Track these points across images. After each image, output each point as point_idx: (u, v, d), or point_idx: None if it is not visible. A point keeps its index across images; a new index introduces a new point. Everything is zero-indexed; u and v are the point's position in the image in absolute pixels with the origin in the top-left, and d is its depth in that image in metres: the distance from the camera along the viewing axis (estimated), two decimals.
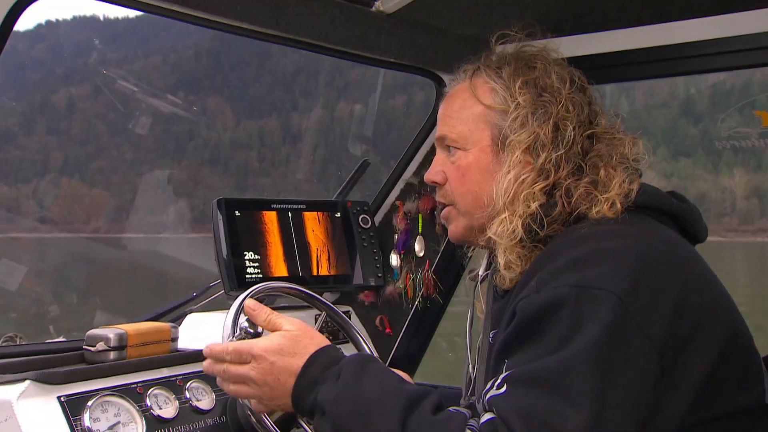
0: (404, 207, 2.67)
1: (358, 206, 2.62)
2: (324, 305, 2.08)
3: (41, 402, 1.87)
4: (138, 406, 1.99)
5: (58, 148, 30.30)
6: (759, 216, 19.41)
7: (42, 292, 7.31)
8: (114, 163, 30.28)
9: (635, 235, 1.48)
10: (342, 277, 2.52)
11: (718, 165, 15.61)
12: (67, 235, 23.82)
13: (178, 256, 13.93)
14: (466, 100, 1.74)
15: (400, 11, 2.33)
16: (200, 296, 2.51)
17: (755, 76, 12.15)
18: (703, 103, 14.56)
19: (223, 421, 2.13)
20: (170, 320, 2.41)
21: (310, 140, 20.57)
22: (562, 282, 1.38)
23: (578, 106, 1.67)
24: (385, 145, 4.44)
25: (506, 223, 1.59)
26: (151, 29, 31.41)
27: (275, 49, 29.32)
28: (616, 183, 1.56)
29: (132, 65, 30.73)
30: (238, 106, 31.83)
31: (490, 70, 1.73)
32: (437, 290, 2.64)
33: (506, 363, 1.39)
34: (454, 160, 1.75)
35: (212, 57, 31.34)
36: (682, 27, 2.23)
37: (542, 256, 1.53)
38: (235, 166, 29.61)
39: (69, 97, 30.43)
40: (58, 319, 4.63)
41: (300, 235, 2.46)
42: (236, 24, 2.13)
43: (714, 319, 1.44)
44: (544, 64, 1.71)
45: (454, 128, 1.74)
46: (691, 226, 1.64)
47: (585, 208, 1.55)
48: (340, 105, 23.36)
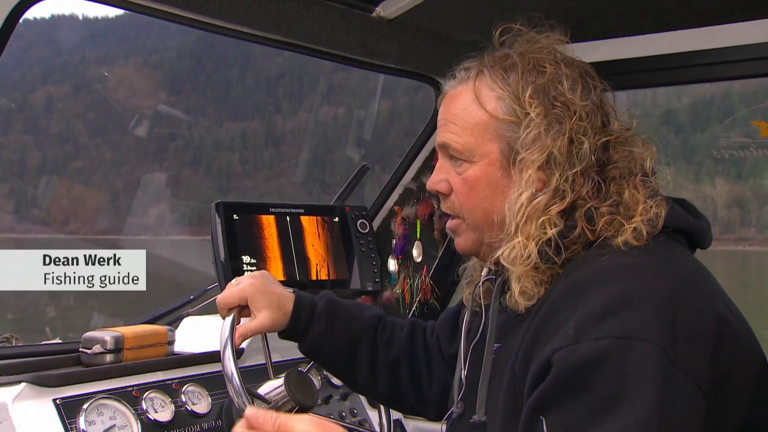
0: (402, 212, 2.68)
1: (356, 211, 2.62)
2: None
3: (36, 404, 1.86)
4: (134, 410, 1.99)
5: (36, 148, 30.04)
6: (740, 225, 19.57)
7: (38, 293, 7.19)
8: (94, 163, 30.05)
9: (664, 270, 1.40)
10: (339, 282, 2.51)
11: (698, 174, 15.72)
12: (44, 237, 23.62)
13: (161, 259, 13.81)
14: (469, 105, 1.59)
15: (401, 17, 2.33)
16: (197, 299, 2.51)
17: (735, 87, 12.30)
18: (684, 113, 14.66)
19: (219, 426, 2.13)
20: (167, 323, 2.41)
21: (293, 143, 20.52)
22: (603, 333, 1.29)
23: (592, 114, 1.54)
24: (367, 147, 4.43)
25: (520, 248, 1.47)
26: (131, 29, 31.18)
27: (258, 51, 29.21)
28: (642, 207, 1.47)
29: (112, 65, 30.51)
30: (220, 108, 31.68)
31: (495, 74, 1.58)
32: (434, 296, 2.65)
33: (545, 420, 1.29)
34: (461, 171, 1.61)
35: (194, 58, 31.20)
36: (684, 36, 2.24)
37: (568, 287, 1.42)
38: (217, 168, 29.44)
39: (48, 96, 30.16)
40: (54, 320, 4.58)
41: (298, 240, 2.46)
42: (237, 28, 2.13)
43: (746, 349, 1.40)
44: (554, 66, 1.56)
45: (459, 137, 1.60)
46: (700, 238, 1.59)
47: (609, 234, 1.45)
48: (324, 108, 23.31)
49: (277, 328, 1.87)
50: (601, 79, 1.62)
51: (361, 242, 2.58)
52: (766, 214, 19.16)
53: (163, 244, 16.97)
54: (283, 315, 1.86)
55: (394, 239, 2.69)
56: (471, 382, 1.67)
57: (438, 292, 2.65)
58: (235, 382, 1.64)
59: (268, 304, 1.83)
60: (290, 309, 1.87)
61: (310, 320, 1.89)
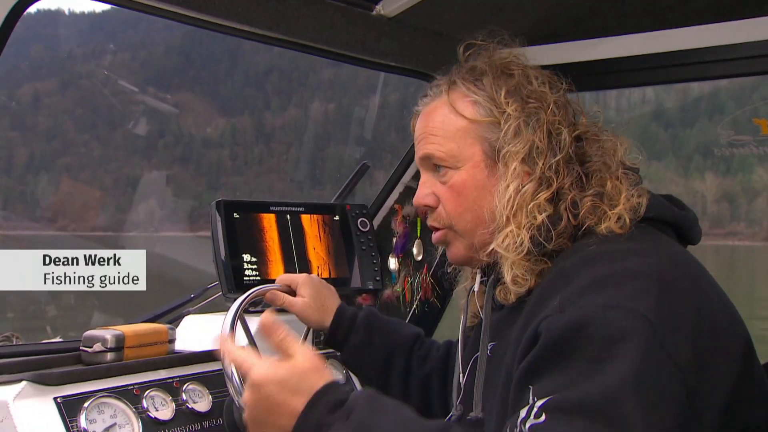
0: (403, 210, 2.68)
1: (356, 209, 2.61)
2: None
3: (37, 403, 1.85)
4: (134, 408, 1.98)
5: (23, 144, 29.87)
6: (729, 220, 19.71)
7: (38, 292, 7.18)
8: (82, 160, 29.90)
9: (648, 253, 1.44)
10: (340, 281, 2.50)
11: (688, 169, 15.82)
12: (31, 233, 23.50)
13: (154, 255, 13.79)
14: (447, 115, 1.66)
15: (401, 15, 2.33)
16: (198, 298, 2.51)
17: (723, 83, 12.37)
18: (673, 109, 14.77)
19: (220, 424, 2.12)
20: (167, 322, 2.40)
21: (283, 139, 20.50)
22: (588, 301, 1.33)
23: (563, 108, 1.63)
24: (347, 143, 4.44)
25: (513, 236, 1.52)
26: (118, 25, 31.00)
27: (247, 47, 29.16)
28: (624, 196, 1.52)
29: (100, 60, 30.37)
30: (209, 104, 31.61)
31: (467, 83, 1.65)
32: (435, 294, 2.65)
33: (532, 388, 1.31)
34: (446, 180, 1.67)
35: (183, 54, 31.08)
36: (681, 34, 2.24)
37: (556, 273, 1.47)
38: (207, 164, 29.40)
39: (34, 92, 29.98)
40: (55, 319, 4.57)
41: (298, 238, 2.45)
42: (237, 26, 2.13)
43: (729, 337, 1.42)
44: (520, 69, 1.65)
45: (441, 146, 1.66)
46: (688, 231, 1.62)
47: (592, 223, 1.51)
48: (314, 105, 23.31)
49: (309, 321, 2.00)
50: (565, 80, 1.69)
51: (362, 241, 2.57)
52: (755, 209, 19.32)
53: (154, 241, 16.92)
54: (321, 314, 1.99)
55: (394, 237, 2.69)
56: (469, 385, 1.70)
57: (438, 291, 2.65)
58: (236, 380, 1.64)
59: (312, 296, 1.99)
60: (331, 313, 2.00)
61: (349, 330, 1.99)
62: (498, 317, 1.65)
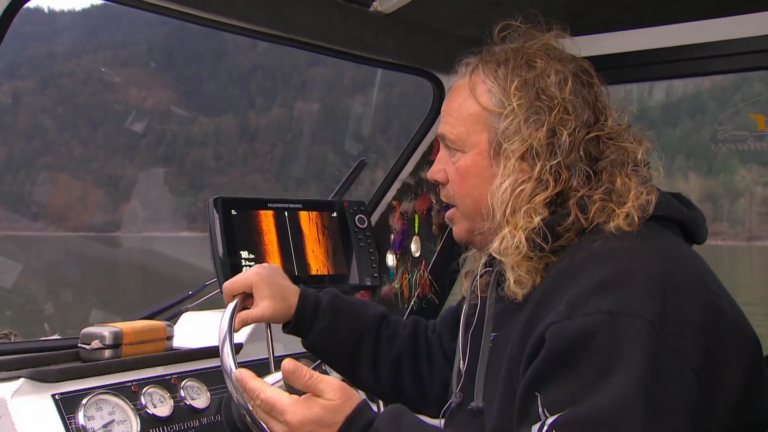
0: (401, 207, 2.68)
1: (354, 206, 2.60)
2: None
3: (36, 400, 1.86)
4: (132, 405, 1.99)
5: (2, 144, 29.60)
6: (712, 220, 19.88)
7: (37, 289, 7.16)
8: (63, 159, 29.68)
9: (655, 253, 1.44)
10: (338, 277, 2.50)
11: (671, 169, 15.98)
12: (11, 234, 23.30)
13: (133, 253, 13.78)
14: (466, 98, 1.66)
15: (398, 11, 2.33)
16: (196, 295, 2.50)
17: (704, 83, 12.45)
18: (656, 109, 14.89)
19: (218, 420, 2.12)
20: (165, 318, 2.40)
21: (267, 139, 20.46)
22: (594, 308, 1.33)
23: (579, 108, 1.58)
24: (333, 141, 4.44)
25: (509, 239, 1.52)
26: (99, 23, 30.78)
27: (231, 46, 29.03)
28: (633, 194, 1.51)
29: (80, 59, 30.16)
30: (193, 104, 31.44)
31: (488, 68, 1.64)
32: (433, 290, 2.66)
33: (540, 396, 1.32)
34: (455, 161, 1.68)
35: (165, 53, 30.90)
36: (681, 29, 2.26)
37: (561, 270, 1.47)
38: (190, 163, 29.21)
39: (14, 91, 29.72)
40: (53, 316, 4.54)
41: (296, 235, 2.44)
42: (234, 23, 2.13)
43: (739, 334, 1.43)
44: (545, 61, 1.61)
45: (453, 128, 1.67)
46: (695, 231, 1.63)
47: (601, 221, 1.50)
48: (298, 104, 23.23)
49: (278, 320, 1.89)
50: (599, 76, 1.66)
51: (360, 237, 2.57)
52: (738, 209, 19.49)
53: (135, 240, 16.87)
54: (286, 307, 1.88)
55: (392, 234, 2.69)
56: (470, 372, 1.70)
57: (436, 287, 2.66)
58: (263, 426, 1.63)
59: (271, 294, 1.85)
60: (294, 302, 1.89)
61: (314, 315, 1.91)
62: (501, 308, 1.65)
